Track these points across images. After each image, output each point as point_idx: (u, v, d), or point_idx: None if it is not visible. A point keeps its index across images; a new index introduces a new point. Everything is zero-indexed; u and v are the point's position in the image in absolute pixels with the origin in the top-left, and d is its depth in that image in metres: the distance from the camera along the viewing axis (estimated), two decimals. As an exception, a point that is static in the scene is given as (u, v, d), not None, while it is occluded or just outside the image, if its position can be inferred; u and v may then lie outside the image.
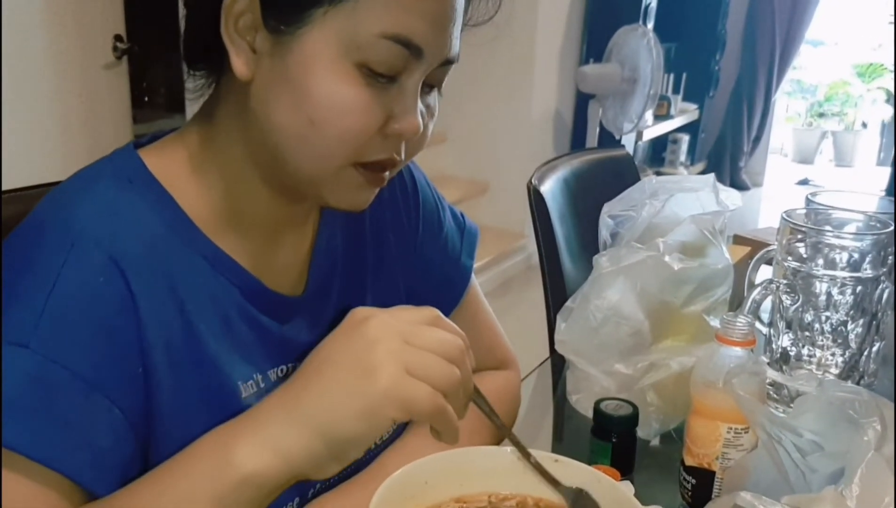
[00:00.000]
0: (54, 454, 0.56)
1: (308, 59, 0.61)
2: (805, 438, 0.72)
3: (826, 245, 0.99)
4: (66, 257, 0.59)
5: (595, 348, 0.93)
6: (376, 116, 0.63)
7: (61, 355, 0.57)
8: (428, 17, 0.61)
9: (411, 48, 0.61)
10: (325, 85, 0.61)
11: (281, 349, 0.73)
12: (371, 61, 0.61)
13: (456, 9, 0.64)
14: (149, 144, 0.71)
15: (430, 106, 0.68)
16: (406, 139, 0.66)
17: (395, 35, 0.60)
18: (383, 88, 0.62)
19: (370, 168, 0.66)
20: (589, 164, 1.46)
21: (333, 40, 0.60)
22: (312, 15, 0.60)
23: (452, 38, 0.65)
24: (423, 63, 0.63)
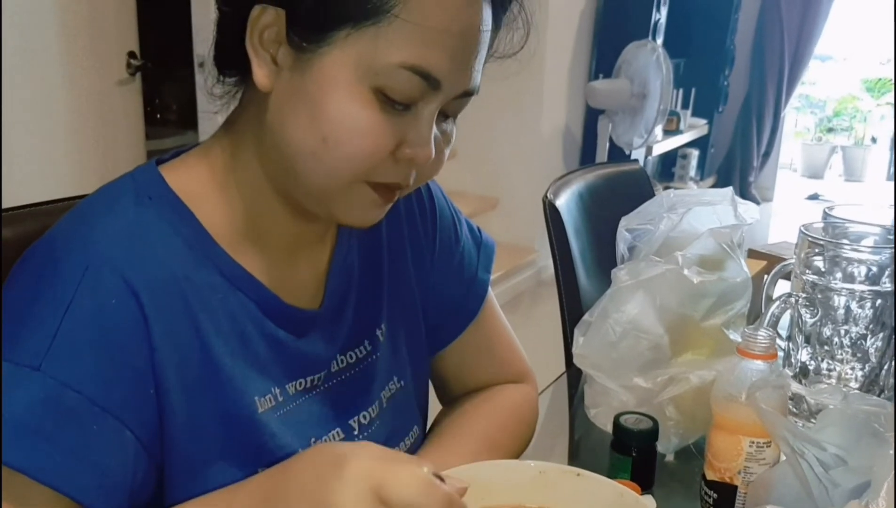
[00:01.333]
0: (63, 477, 0.57)
1: (326, 79, 0.61)
2: (829, 452, 0.72)
3: (844, 259, 0.99)
4: (81, 280, 0.60)
5: (614, 362, 0.93)
6: (388, 141, 0.63)
7: (73, 378, 0.57)
8: (449, 52, 0.62)
9: (430, 80, 0.62)
10: (341, 105, 0.61)
11: (298, 363, 0.73)
12: (388, 88, 0.61)
13: (480, 43, 0.64)
14: (171, 159, 0.71)
15: (446, 132, 0.68)
16: (418, 165, 0.66)
17: (413, 66, 0.61)
18: (398, 113, 0.63)
19: (382, 184, 0.66)
20: (603, 178, 1.46)
21: (353, 63, 0.61)
22: (335, 36, 0.60)
23: (473, 72, 0.65)
24: (440, 94, 0.63)
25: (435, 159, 0.66)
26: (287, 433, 0.70)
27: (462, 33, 0.62)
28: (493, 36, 0.66)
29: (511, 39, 0.70)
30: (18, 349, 0.57)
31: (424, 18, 0.60)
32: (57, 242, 0.63)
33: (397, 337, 0.83)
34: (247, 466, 0.67)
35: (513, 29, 0.69)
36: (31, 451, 0.56)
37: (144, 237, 0.64)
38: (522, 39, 0.70)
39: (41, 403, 0.56)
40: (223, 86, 0.70)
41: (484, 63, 0.67)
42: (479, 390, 0.92)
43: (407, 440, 0.83)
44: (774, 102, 5.49)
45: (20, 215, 0.83)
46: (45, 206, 0.84)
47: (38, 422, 0.56)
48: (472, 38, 0.63)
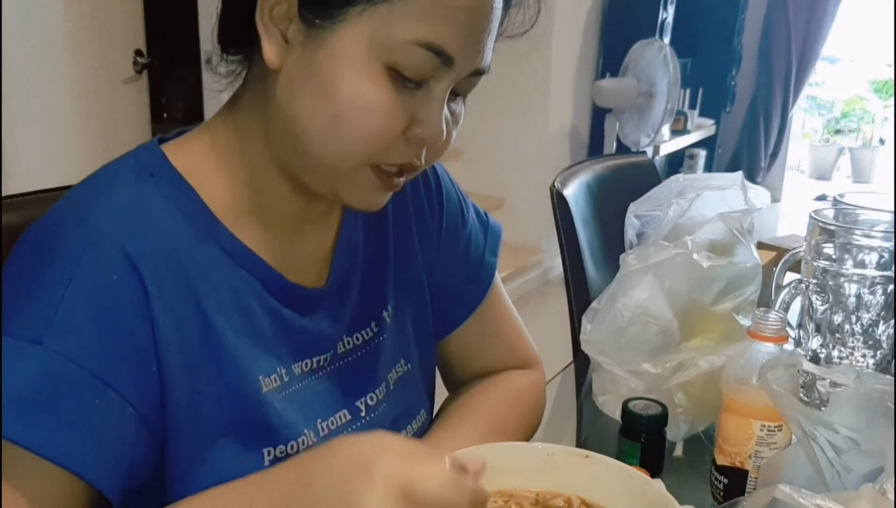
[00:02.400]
0: (64, 451, 0.56)
1: (338, 56, 0.60)
2: (841, 435, 0.70)
3: (855, 246, 0.98)
4: (82, 255, 0.59)
5: (622, 347, 0.92)
6: (400, 119, 0.62)
7: (75, 352, 0.57)
8: (463, 28, 0.61)
9: (443, 57, 0.61)
10: (353, 83, 0.60)
11: (304, 343, 0.72)
12: (401, 65, 0.61)
13: (492, 20, 0.63)
14: (174, 138, 0.71)
15: (455, 113, 0.67)
16: (428, 145, 0.66)
17: (427, 42, 0.60)
18: (410, 92, 0.62)
19: (386, 172, 0.65)
20: (611, 169, 1.45)
21: (366, 40, 0.60)
22: (348, 13, 0.60)
23: (485, 50, 0.64)
24: (452, 71, 0.63)
25: (443, 141, 0.66)
26: (292, 413, 0.69)
27: (475, 10, 0.61)
28: (503, 14, 0.66)
29: (521, 18, 0.69)
30: (20, 323, 0.57)
31: None
32: (59, 218, 0.63)
33: (404, 319, 0.82)
34: (250, 445, 0.66)
35: (523, 7, 0.68)
36: (33, 425, 0.55)
37: (145, 213, 0.63)
38: (532, 18, 0.69)
39: (43, 377, 0.56)
40: (227, 64, 0.69)
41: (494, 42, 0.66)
42: (485, 375, 0.91)
43: (414, 423, 0.82)
44: (782, 103, 5.47)
45: (26, 201, 0.83)
46: (51, 192, 0.84)
47: (40, 396, 0.56)
48: (484, 14, 0.62)
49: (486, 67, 0.66)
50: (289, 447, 0.68)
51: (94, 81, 2.37)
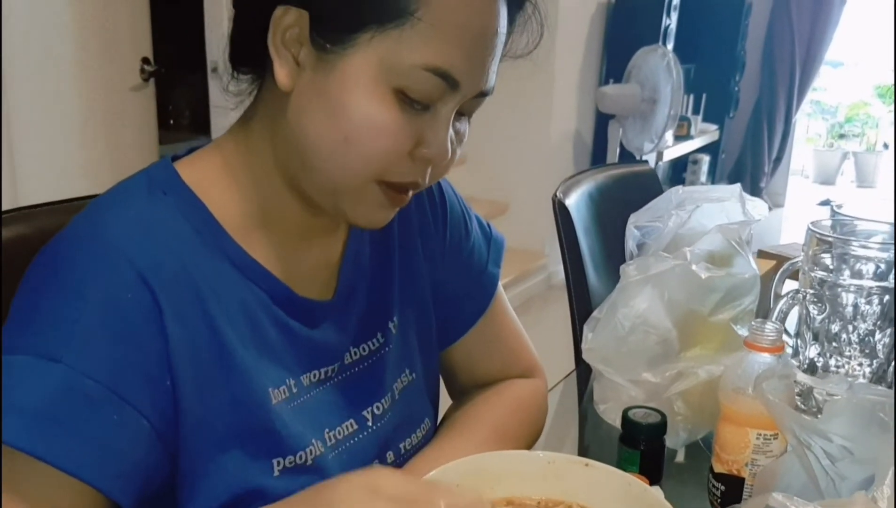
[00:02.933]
0: (83, 465, 0.58)
1: (349, 79, 0.63)
2: (835, 443, 0.72)
3: (852, 256, 1.00)
4: (97, 274, 0.61)
5: (623, 356, 0.94)
6: (407, 140, 0.65)
7: (92, 368, 0.59)
8: (468, 53, 0.64)
9: (449, 81, 0.63)
10: (363, 106, 0.63)
11: (312, 354, 0.74)
12: (409, 89, 0.63)
13: (496, 45, 0.66)
14: (186, 155, 0.73)
15: (459, 132, 0.70)
16: (434, 165, 0.68)
17: (434, 67, 0.62)
18: (417, 113, 0.64)
19: (393, 188, 0.68)
20: (613, 178, 1.47)
21: (375, 64, 0.62)
22: (358, 38, 0.62)
23: (489, 73, 0.66)
24: (458, 94, 0.65)
25: (448, 160, 0.68)
26: (301, 424, 0.71)
27: (480, 35, 0.64)
28: (507, 37, 0.68)
29: (525, 40, 0.71)
30: (39, 341, 0.59)
31: (445, 21, 0.62)
32: (73, 236, 0.65)
33: (409, 330, 0.84)
34: (259, 455, 0.68)
35: (526, 30, 0.70)
36: (53, 440, 0.57)
37: (157, 230, 0.65)
38: (536, 40, 0.72)
39: (62, 393, 0.58)
40: (238, 84, 0.71)
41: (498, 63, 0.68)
42: (488, 383, 0.93)
43: (419, 431, 0.84)
44: (785, 108, 5.49)
45: (36, 213, 0.85)
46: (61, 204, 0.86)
47: (60, 412, 0.58)
48: (489, 39, 0.65)
49: (491, 89, 0.68)
50: (297, 457, 0.70)
51: (102, 88, 2.40)
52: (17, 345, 0.59)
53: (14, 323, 0.60)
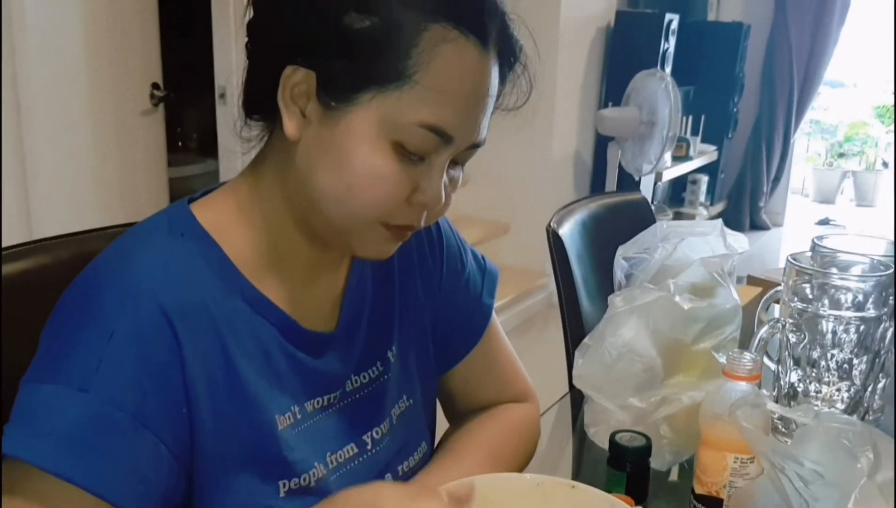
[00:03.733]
0: (108, 486, 0.63)
1: (352, 134, 0.68)
2: (806, 467, 0.77)
3: (832, 286, 1.04)
4: (123, 310, 0.66)
5: (610, 382, 0.99)
6: (405, 188, 0.71)
7: (117, 398, 0.64)
8: (461, 112, 0.70)
9: (443, 136, 0.69)
10: (365, 158, 0.69)
11: (316, 382, 0.79)
12: (406, 143, 0.69)
13: (487, 104, 0.72)
14: (201, 197, 0.79)
15: (454, 179, 0.75)
16: (429, 209, 0.74)
17: (430, 125, 0.68)
18: (414, 164, 0.70)
19: (394, 227, 0.74)
20: (606, 207, 1.52)
21: (375, 121, 0.68)
22: (360, 98, 0.68)
23: (481, 128, 0.72)
24: (451, 147, 0.71)
25: (443, 204, 0.74)
26: (305, 448, 0.76)
27: (473, 96, 0.70)
28: (498, 92, 0.74)
29: (515, 96, 0.77)
30: (68, 372, 0.64)
31: (441, 83, 0.67)
32: (99, 274, 0.70)
33: (407, 358, 0.89)
34: (267, 478, 0.73)
35: (517, 87, 0.76)
36: (81, 463, 0.62)
37: (177, 268, 0.71)
38: (525, 96, 0.77)
39: (89, 421, 0.63)
40: (250, 130, 0.77)
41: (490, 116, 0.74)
42: (483, 408, 0.98)
43: (416, 454, 0.89)
44: (784, 128, 5.53)
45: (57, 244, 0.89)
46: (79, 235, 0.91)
47: (87, 438, 0.63)
48: (481, 99, 0.71)
49: (482, 141, 0.74)
50: (301, 479, 0.75)
51: (113, 112, 2.45)
52: (47, 375, 0.64)
53: (45, 355, 0.66)
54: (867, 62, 6.83)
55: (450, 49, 0.67)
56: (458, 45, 0.67)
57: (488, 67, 0.70)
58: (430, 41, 0.66)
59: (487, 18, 0.69)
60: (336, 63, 0.67)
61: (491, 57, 0.70)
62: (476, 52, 0.68)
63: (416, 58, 0.66)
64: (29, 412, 0.63)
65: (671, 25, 3.87)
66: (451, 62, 0.67)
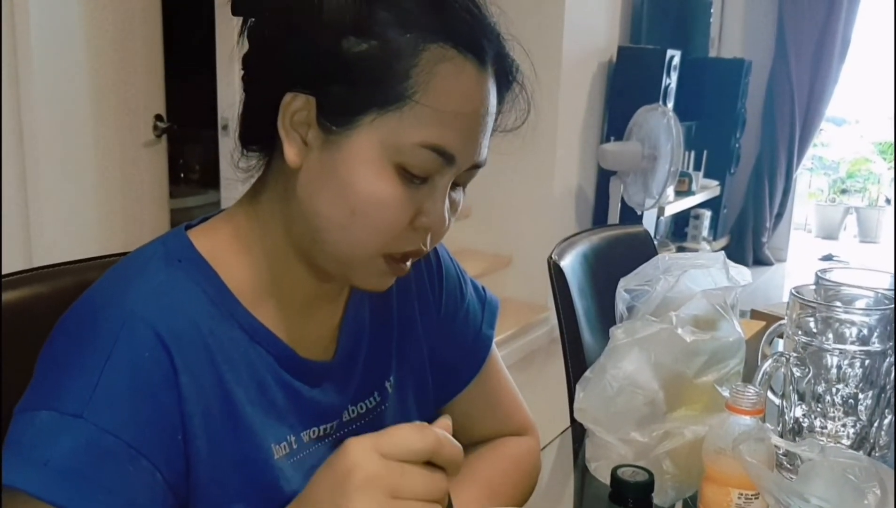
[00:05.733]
0: None
1: (354, 158, 0.68)
2: (812, 503, 0.75)
3: (836, 320, 1.03)
4: (118, 336, 0.66)
5: (612, 416, 0.97)
6: (408, 211, 0.70)
7: (112, 424, 0.63)
8: (462, 131, 0.69)
9: (445, 156, 0.69)
10: (368, 182, 0.68)
11: (313, 412, 0.78)
12: (408, 165, 0.68)
13: (488, 123, 0.72)
14: (199, 224, 0.78)
15: (454, 202, 0.75)
16: (432, 232, 0.73)
17: (431, 145, 0.68)
18: (416, 187, 0.70)
19: (395, 259, 0.73)
20: (607, 240, 1.52)
21: (377, 143, 0.68)
22: (361, 120, 0.68)
23: (482, 148, 0.72)
24: (453, 168, 0.71)
25: (446, 226, 0.74)
26: (300, 479, 0.75)
27: (473, 114, 0.70)
28: (497, 114, 0.74)
29: (513, 116, 0.77)
30: (63, 398, 0.63)
31: (441, 103, 0.67)
32: (96, 300, 0.69)
33: (405, 389, 0.88)
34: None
35: (515, 107, 0.76)
36: (75, 491, 0.61)
37: (173, 295, 0.70)
38: (523, 116, 0.77)
39: (84, 447, 0.62)
40: (248, 160, 0.77)
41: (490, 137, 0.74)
42: (483, 441, 0.96)
43: (413, 488, 0.87)
44: (786, 164, 5.54)
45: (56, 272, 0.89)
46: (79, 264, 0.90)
47: (81, 465, 0.61)
48: (481, 118, 0.71)
49: (483, 161, 0.74)
50: None
51: (116, 143, 2.46)
52: (42, 402, 0.63)
53: (40, 382, 0.65)
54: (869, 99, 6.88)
55: (448, 68, 0.67)
56: (456, 64, 0.67)
57: (486, 85, 0.70)
58: (428, 61, 0.66)
59: (484, 38, 0.69)
60: (336, 87, 0.67)
61: (489, 76, 0.70)
62: (474, 70, 0.69)
63: (415, 78, 0.66)
64: (24, 439, 0.62)
65: (673, 61, 3.89)
66: (450, 81, 0.67)
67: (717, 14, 5.27)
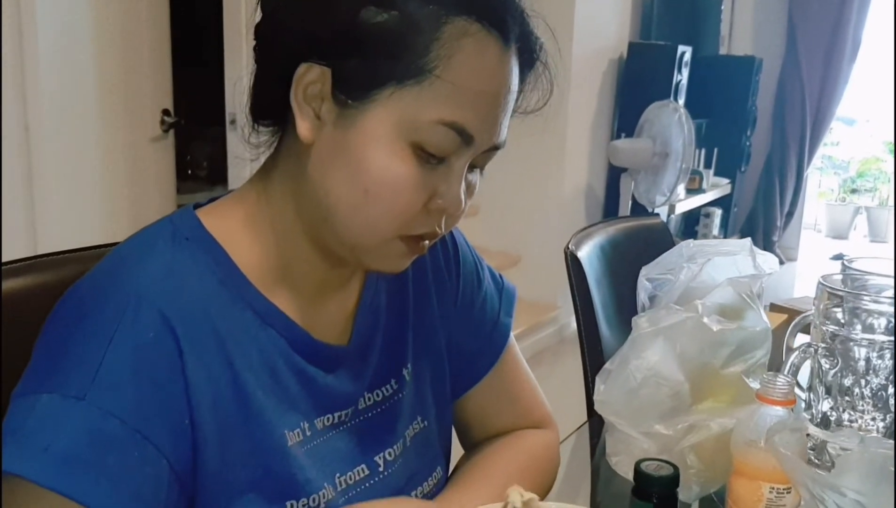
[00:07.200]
0: (106, 503, 0.59)
1: (368, 135, 0.65)
2: (848, 498, 0.72)
3: (864, 310, 1.00)
4: (122, 316, 0.63)
5: (634, 409, 0.94)
6: (423, 193, 0.67)
7: (115, 407, 0.60)
8: (482, 110, 0.66)
9: (464, 135, 0.66)
10: (382, 160, 0.65)
11: (327, 399, 0.75)
12: (426, 143, 0.65)
13: (509, 102, 0.69)
14: (207, 204, 0.75)
15: (471, 184, 0.72)
16: (447, 214, 0.70)
17: (451, 122, 0.65)
18: (433, 167, 0.67)
19: (412, 238, 0.70)
20: (624, 231, 1.48)
21: (394, 120, 0.65)
22: (378, 95, 0.65)
23: (502, 128, 0.69)
24: (472, 148, 0.68)
25: (462, 209, 0.70)
26: (313, 468, 0.72)
27: (494, 92, 0.67)
28: (518, 93, 0.71)
29: (535, 97, 0.74)
30: (64, 381, 0.60)
31: (462, 78, 0.64)
32: (99, 280, 0.66)
33: (422, 378, 0.85)
34: (274, 499, 0.69)
35: (537, 87, 0.73)
36: (78, 479, 0.58)
37: (180, 276, 0.67)
38: (545, 97, 0.74)
39: (86, 431, 0.59)
40: (258, 136, 0.74)
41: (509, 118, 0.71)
42: (500, 435, 0.93)
43: (430, 480, 0.84)
44: (797, 163, 5.51)
45: (60, 260, 0.86)
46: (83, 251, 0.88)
47: (84, 451, 0.59)
48: (502, 97, 0.67)
49: (502, 143, 0.70)
50: (311, 500, 0.71)
51: (123, 139, 2.45)
52: (42, 386, 0.60)
53: (39, 365, 0.62)
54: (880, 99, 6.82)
55: (471, 43, 0.64)
56: (479, 39, 0.65)
57: (510, 63, 0.67)
58: (451, 35, 0.64)
59: (509, 14, 0.66)
60: (353, 59, 0.64)
61: (512, 53, 0.67)
62: (497, 47, 0.66)
63: (436, 52, 0.63)
64: (24, 424, 0.59)
65: (684, 57, 3.86)
66: (472, 57, 0.64)
67: (727, 11, 5.24)
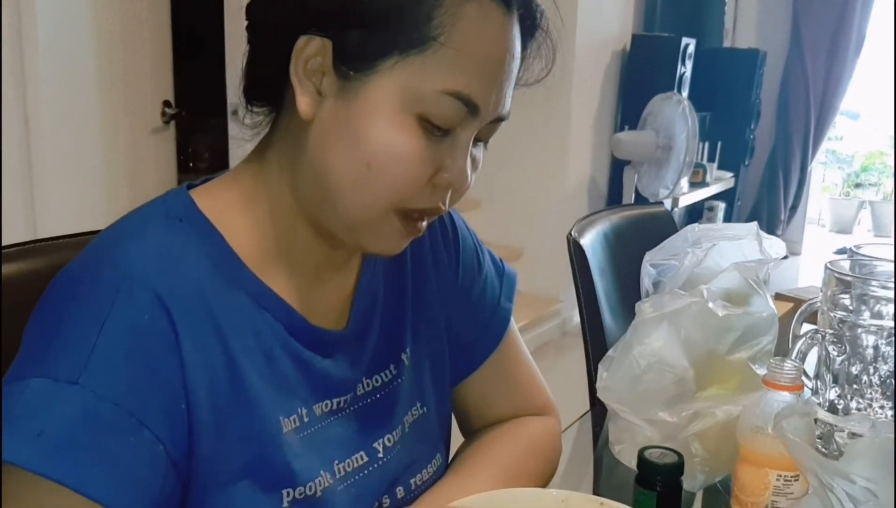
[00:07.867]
0: (100, 488, 0.57)
1: (371, 107, 0.63)
2: (858, 485, 0.70)
3: (872, 296, 0.98)
4: (115, 297, 0.61)
5: (638, 396, 0.92)
6: (428, 167, 0.65)
7: (110, 390, 0.58)
8: (487, 78, 0.65)
9: (470, 106, 0.64)
10: (386, 133, 0.63)
11: (325, 384, 0.73)
12: (431, 114, 0.64)
13: (514, 70, 0.67)
14: (202, 184, 0.73)
15: (475, 159, 0.70)
16: (454, 190, 0.68)
17: (456, 92, 0.63)
18: (438, 140, 0.65)
19: (410, 217, 0.68)
20: (628, 219, 1.47)
21: (398, 91, 0.63)
22: (382, 65, 0.63)
23: (506, 98, 0.68)
24: (477, 119, 0.66)
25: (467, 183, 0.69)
26: (310, 455, 0.70)
27: (498, 60, 0.65)
28: (521, 62, 0.69)
29: (537, 67, 0.72)
30: (56, 364, 0.58)
31: (466, 46, 0.63)
32: (91, 261, 0.65)
33: (421, 363, 0.83)
34: (270, 486, 0.67)
35: (539, 55, 0.71)
36: (72, 465, 0.56)
37: (174, 257, 0.65)
38: (548, 67, 0.72)
39: (80, 416, 0.57)
40: (254, 116, 0.72)
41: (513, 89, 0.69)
42: (501, 422, 0.91)
43: (430, 467, 0.83)
44: (801, 157, 5.49)
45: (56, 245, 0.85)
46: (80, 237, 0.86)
47: (78, 436, 0.57)
48: (507, 64, 0.66)
49: (507, 114, 0.69)
50: (307, 487, 0.69)
51: (124, 130, 2.43)
52: (33, 370, 0.58)
53: (29, 349, 0.60)
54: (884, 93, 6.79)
55: (473, 10, 0.63)
56: (481, 6, 0.63)
57: (512, 30, 0.66)
58: (453, 2, 0.62)
59: None
60: (354, 29, 0.63)
61: (514, 20, 0.66)
62: (500, 13, 0.64)
63: (439, 19, 0.62)
64: (15, 410, 0.57)
65: (688, 49, 3.83)
66: (475, 24, 0.63)
67: (731, 3, 5.21)
